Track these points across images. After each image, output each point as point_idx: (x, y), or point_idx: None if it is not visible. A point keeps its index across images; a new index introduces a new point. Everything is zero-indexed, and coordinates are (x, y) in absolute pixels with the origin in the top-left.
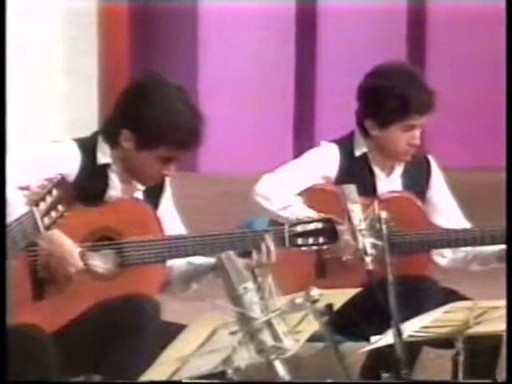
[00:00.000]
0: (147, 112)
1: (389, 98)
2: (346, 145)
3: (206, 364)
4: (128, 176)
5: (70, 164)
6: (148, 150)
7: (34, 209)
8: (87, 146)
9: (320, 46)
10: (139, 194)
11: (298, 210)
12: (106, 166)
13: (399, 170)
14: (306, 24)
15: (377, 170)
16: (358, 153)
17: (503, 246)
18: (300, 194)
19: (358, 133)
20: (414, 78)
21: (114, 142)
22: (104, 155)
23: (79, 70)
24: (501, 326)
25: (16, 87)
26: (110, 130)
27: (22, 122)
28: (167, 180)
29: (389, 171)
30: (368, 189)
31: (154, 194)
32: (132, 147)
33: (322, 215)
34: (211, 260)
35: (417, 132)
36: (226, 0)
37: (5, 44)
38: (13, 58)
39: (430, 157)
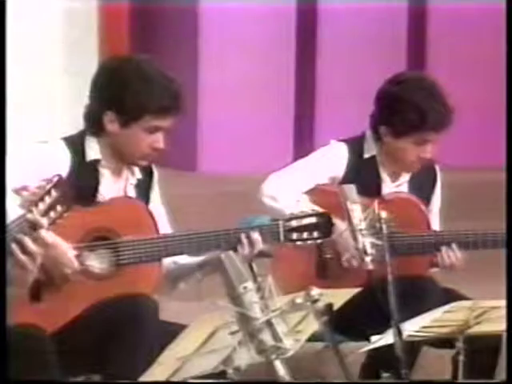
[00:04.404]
0: (125, 88)
1: (407, 109)
2: (355, 145)
3: (206, 364)
4: (119, 162)
5: (61, 163)
6: (133, 124)
7: (34, 209)
8: (75, 144)
9: (320, 46)
10: (131, 190)
11: (305, 208)
12: (95, 162)
13: (406, 176)
14: (306, 24)
15: (383, 175)
16: (366, 155)
17: None
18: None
19: (369, 135)
20: (435, 93)
21: (99, 129)
22: (93, 151)
23: (79, 70)
24: (501, 326)
25: (16, 87)
26: (93, 118)
27: (21, 122)
28: (155, 176)
29: (395, 177)
30: (373, 192)
31: (144, 191)
32: (118, 127)
33: (317, 210)
34: (198, 259)
35: (429, 146)
36: (227, 0)
37: (5, 44)
38: (13, 57)
39: (436, 166)
